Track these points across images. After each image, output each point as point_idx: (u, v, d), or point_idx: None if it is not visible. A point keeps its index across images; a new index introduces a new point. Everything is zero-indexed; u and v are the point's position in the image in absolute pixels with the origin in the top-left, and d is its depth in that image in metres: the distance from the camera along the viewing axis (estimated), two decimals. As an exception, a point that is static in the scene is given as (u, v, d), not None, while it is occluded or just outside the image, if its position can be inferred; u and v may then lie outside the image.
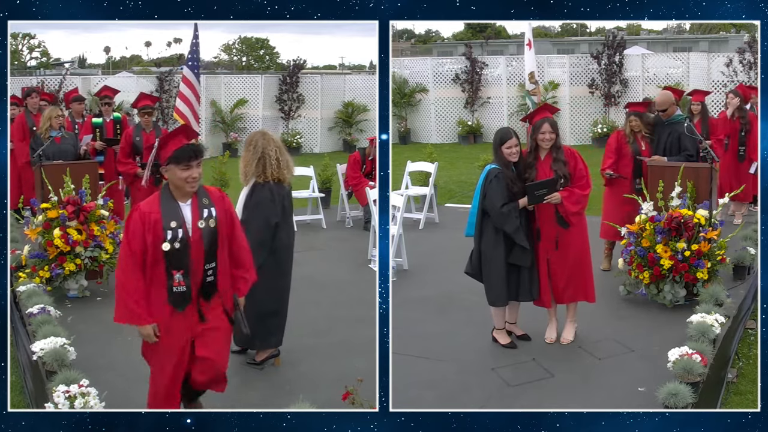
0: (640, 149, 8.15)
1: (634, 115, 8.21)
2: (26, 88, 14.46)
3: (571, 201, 6.04)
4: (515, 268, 6.09)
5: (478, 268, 6.17)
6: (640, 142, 8.18)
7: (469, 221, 6.23)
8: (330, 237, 10.40)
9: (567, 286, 6.20)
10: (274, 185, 5.72)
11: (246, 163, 5.77)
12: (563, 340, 6.28)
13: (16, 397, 5.35)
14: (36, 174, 8.09)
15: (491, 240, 6.06)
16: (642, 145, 8.16)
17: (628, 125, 8.24)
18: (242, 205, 5.76)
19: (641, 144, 8.17)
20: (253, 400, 5.28)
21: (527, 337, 6.30)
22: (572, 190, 6.06)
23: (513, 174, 6.05)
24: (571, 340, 6.27)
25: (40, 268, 7.33)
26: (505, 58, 21.00)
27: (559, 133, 6.15)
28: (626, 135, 8.22)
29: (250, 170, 5.74)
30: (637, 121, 8.18)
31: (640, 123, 8.18)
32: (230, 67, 59.48)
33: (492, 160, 6.27)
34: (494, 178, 6.01)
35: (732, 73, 17.41)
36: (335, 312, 7.15)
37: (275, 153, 5.75)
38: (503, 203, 5.96)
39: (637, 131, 8.20)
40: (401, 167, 11.45)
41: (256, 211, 5.69)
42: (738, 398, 5.38)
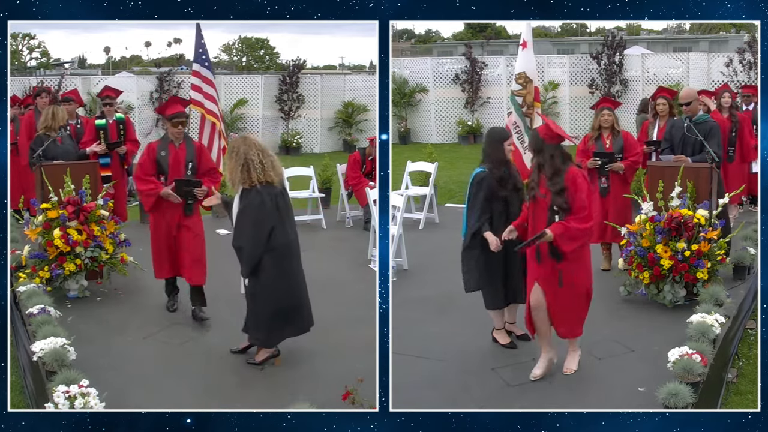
0: (604, 146, 8.06)
1: (608, 110, 8.09)
2: (36, 87, 14.44)
3: (565, 239, 5.32)
4: (512, 271, 6.08)
5: (475, 274, 6.12)
6: (605, 139, 8.07)
7: (464, 226, 6.24)
8: (330, 237, 10.40)
9: (563, 323, 5.64)
10: (263, 188, 5.73)
11: (231, 171, 5.80)
12: (566, 370, 5.66)
13: (16, 397, 5.35)
14: (36, 174, 8.08)
15: (485, 244, 5.99)
16: (606, 143, 8.05)
17: (599, 119, 8.10)
18: (234, 211, 5.84)
19: (606, 142, 8.06)
20: (253, 400, 5.28)
21: (527, 337, 6.30)
22: (568, 225, 5.31)
23: (504, 174, 5.99)
24: (575, 369, 5.67)
25: (40, 269, 7.33)
26: (505, 58, 20.99)
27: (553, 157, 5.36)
28: (592, 131, 8.16)
29: (236, 177, 5.78)
30: (611, 116, 8.06)
31: (612, 118, 8.07)
32: (230, 67, 59.46)
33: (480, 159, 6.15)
34: (478, 183, 5.98)
35: (732, 73, 17.40)
36: (335, 312, 7.14)
37: (258, 156, 5.75)
38: (477, 222, 5.97)
39: (607, 126, 8.07)
40: (401, 167, 11.44)
41: (243, 216, 5.76)
42: (738, 398, 5.38)
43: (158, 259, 6.99)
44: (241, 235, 5.76)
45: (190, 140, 7.03)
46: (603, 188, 8.07)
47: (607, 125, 8.07)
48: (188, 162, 6.85)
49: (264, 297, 5.78)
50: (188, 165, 6.83)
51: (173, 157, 6.85)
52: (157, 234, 6.95)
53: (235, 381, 5.66)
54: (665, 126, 8.86)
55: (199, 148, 7.09)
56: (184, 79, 18.58)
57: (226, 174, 5.92)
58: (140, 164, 6.94)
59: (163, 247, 6.93)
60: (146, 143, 7.57)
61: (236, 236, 5.81)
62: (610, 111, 8.13)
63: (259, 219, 5.71)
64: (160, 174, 6.86)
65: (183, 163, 6.82)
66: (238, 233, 5.78)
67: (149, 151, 6.93)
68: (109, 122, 9.86)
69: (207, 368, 5.89)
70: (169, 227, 6.88)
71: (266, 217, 5.71)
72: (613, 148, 8.05)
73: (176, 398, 5.29)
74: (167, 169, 6.83)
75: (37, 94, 10.77)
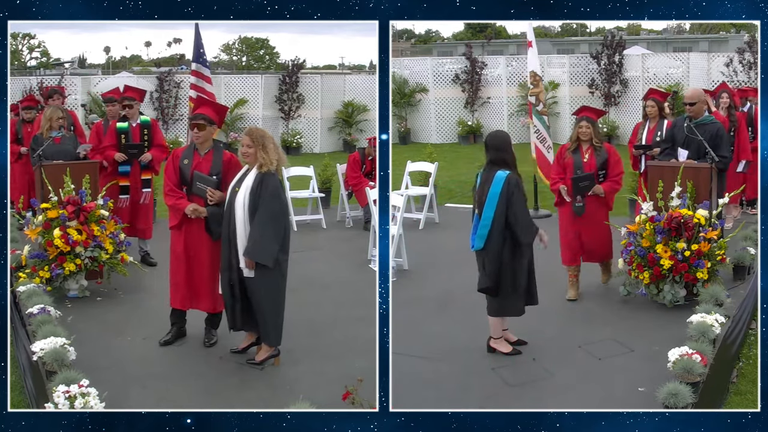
0: (582, 161, 7.17)
1: (587, 121, 7.19)
2: (49, 87, 14.37)
3: None
4: (530, 279, 6.08)
5: (497, 281, 5.87)
6: (583, 153, 7.19)
7: (480, 233, 5.86)
8: (330, 237, 10.40)
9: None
10: None
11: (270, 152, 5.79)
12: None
13: (16, 397, 5.34)
14: (36, 174, 8.08)
15: (514, 251, 5.88)
16: (585, 157, 7.18)
17: (576, 131, 7.25)
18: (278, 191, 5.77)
19: (584, 156, 7.18)
20: (253, 400, 5.28)
21: (523, 342, 6.26)
22: None
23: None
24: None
25: (40, 268, 7.33)
26: (505, 58, 21.00)
27: None
28: (569, 142, 7.33)
29: (273, 157, 5.80)
30: (590, 128, 7.16)
31: (592, 131, 7.17)
32: (230, 67, 59.49)
33: (488, 164, 5.99)
34: (516, 187, 5.81)
35: (732, 73, 17.40)
36: (335, 312, 7.15)
37: None
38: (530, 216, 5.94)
39: (586, 140, 7.19)
40: (401, 167, 11.44)
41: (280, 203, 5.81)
42: (738, 398, 5.38)
43: (174, 284, 6.32)
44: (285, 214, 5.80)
45: (219, 150, 6.20)
46: (578, 207, 7.21)
47: (586, 138, 7.19)
48: (213, 174, 6.07)
49: (283, 299, 5.84)
50: (212, 177, 6.08)
51: (195, 166, 6.13)
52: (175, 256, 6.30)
53: (235, 381, 5.66)
54: (654, 128, 8.79)
55: (228, 159, 6.17)
56: (184, 79, 18.57)
57: (267, 154, 5.75)
58: (165, 174, 6.26)
59: (180, 271, 6.23)
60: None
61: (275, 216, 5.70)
62: (589, 122, 7.20)
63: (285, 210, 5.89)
64: (183, 185, 6.16)
65: (207, 174, 6.08)
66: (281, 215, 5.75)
67: (173, 159, 6.25)
68: (132, 126, 8.77)
69: (207, 368, 5.89)
70: (187, 249, 6.19)
71: None
72: (595, 164, 7.17)
73: (176, 398, 5.29)
74: (189, 179, 6.12)
75: (49, 95, 10.60)
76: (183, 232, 6.17)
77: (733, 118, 9.97)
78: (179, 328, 6.41)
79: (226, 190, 5.95)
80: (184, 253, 6.18)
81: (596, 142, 7.18)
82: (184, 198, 6.11)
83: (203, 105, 6.47)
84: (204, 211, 6.04)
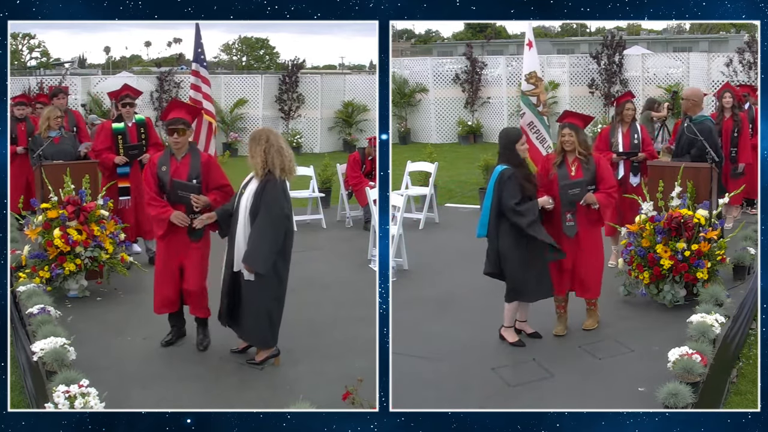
0: (569, 174, 6.25)
1: (570, 128, 6.27)
2: (53, 87, 14.32)
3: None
4: (535, 267, 6.13)
5: (498, 267, 6.19)
6: (569, 165, 6.27)
7: (481, 221, 6.23)
8: (330, 237, 10.40)
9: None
10: None
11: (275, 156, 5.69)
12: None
13: (16, 397, 5.34)
14: (36, 174, 8.07)
15: (510, 241, 6.11)
16: (572, 170, 6.26)
17: (560, 141, 6.34)
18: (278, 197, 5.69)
19: (571, 169, 6.27)
20: (253, 400, 5.28)
21: (538, 335, 6.33)
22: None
23: (526, 173, 6.17)
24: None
25: (40, 268, 7.33)
26: (505, 58, 21.00)
27: None
28: (554, 153, 6.46)
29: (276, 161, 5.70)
30: (573, 136, 6.24)
31: (576, 140, 6.24)
32: (230, 67, 59.51)
33: (497, 160, 6.31)
34: (507, 178, 6.07)
35: (732, 73, 17.41)
36: (335, 312, 7.15)
37: None
38: (517, 201, 6.02)
39: (570, 149, 6.27)
40: (401, 167, 11.45)
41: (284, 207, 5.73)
42: (738, 398, 5.38)
43: (159, 291, 6.21)
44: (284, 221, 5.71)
45: (196, 152, 6.11)
46: (569, 227, 6.24)
47: (570, 148, 6.26)
48: (191, 178, 5.98)
49: (279, 303, 5.83)
50: (191, 182, 6.00)
51: (173, 172, 5.97)
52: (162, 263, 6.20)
53: (235, 381, 5.66)
54: (628, 132, 8.27)
55: (206, 161, 6.12)
56: (184, 79, 18.58)
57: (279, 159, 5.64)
58: (144, 182, 6.12)
59: (166, 278, 6.15)
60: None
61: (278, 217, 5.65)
62: (572, 129, 6.27)
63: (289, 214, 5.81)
64: (162, 192, 6.00)
65: (185, 179, 5.97)
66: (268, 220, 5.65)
67: (150, 166, 6.09)
68: (128, 126, 8.61)
69: (207, 368, 5.89)
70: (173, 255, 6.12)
71: None
72: (584, 179, 6.23)
73: (176, 398, 5.29)
74: (167, 187, 5.97)
75: (53, 94, 10.54)
76: (167, 241, 6.08)
77: (737, 119, 9.97)
78: (179, 329, 6.41)
79: (208, 191, 6.05)
80: (170, 261, 6.13)
81: (581, 154, 6.25)
82: (168, 206, 5.99)
83: (177, 108, 6.22)
84: (187, 219, 5.97)
